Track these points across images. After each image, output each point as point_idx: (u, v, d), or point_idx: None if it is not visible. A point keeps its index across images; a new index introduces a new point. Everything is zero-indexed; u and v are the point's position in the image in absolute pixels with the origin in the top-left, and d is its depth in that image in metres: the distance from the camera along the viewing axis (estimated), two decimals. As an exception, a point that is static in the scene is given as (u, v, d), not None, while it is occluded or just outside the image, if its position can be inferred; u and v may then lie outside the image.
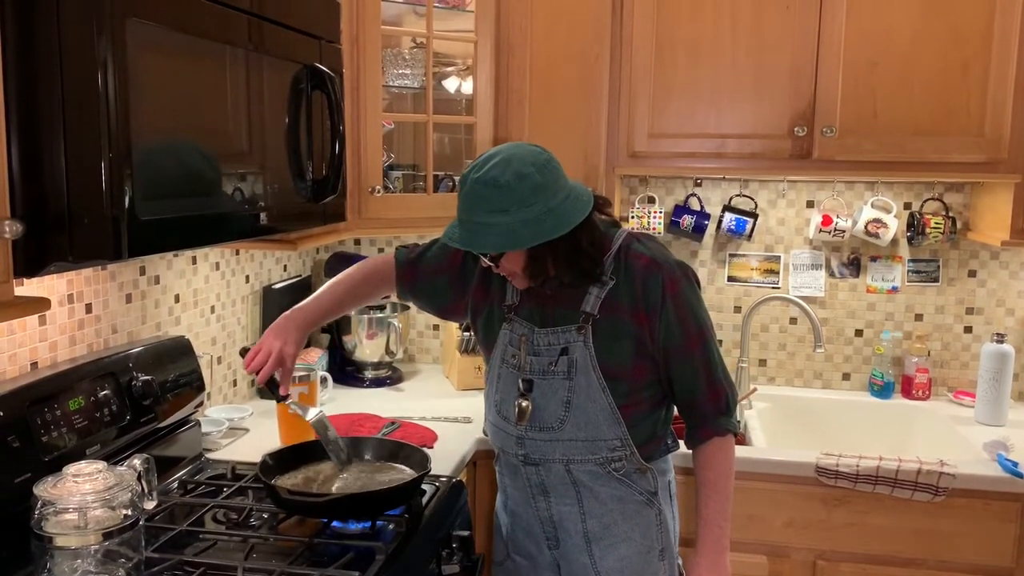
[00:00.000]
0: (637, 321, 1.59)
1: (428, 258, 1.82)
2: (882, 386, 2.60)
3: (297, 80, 1.60)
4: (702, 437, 1.66)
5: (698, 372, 1.62)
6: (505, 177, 1.46)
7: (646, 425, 1.65)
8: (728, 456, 1.67)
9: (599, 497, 1.66)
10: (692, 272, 1.64)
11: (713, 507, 1.66)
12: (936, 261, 2.60)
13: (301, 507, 1.58)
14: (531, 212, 1.46)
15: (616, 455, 1.63)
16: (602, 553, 1.68)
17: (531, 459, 1.66)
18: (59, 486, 1.27)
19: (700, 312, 1.63)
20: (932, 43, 2.18)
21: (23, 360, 1.57)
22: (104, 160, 1.09)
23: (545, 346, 1.63)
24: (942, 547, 2.03)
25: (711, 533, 1.66)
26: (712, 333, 1.65)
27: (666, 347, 1.61)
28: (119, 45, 1.10)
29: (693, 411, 1.66)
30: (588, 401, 1.61)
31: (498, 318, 1.71)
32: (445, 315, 1.87)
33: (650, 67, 2.32)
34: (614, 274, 1.61)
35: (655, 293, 1.59)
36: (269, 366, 1.65)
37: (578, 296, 1.62)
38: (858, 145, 2.24)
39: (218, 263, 2.24)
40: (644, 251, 1.62)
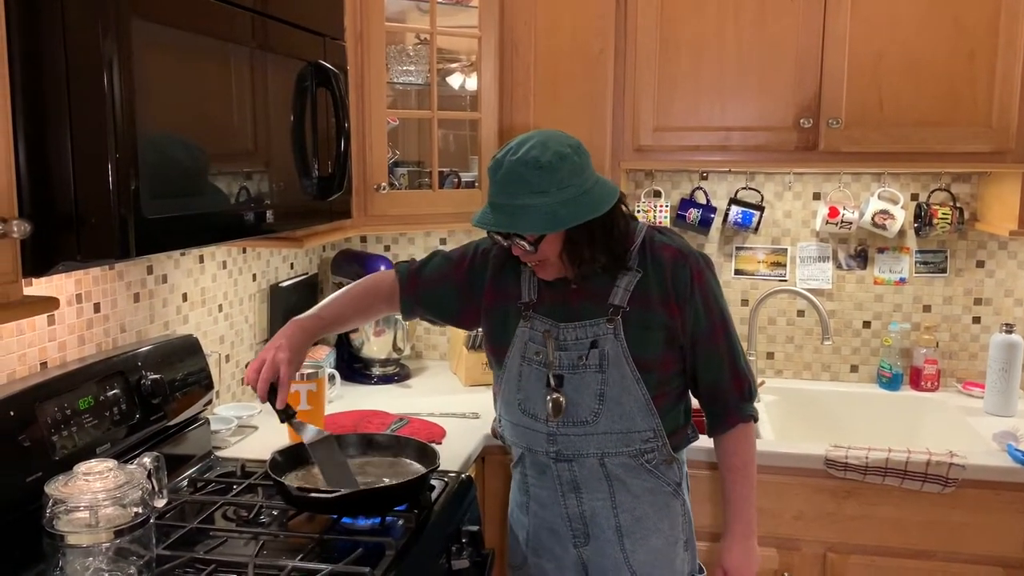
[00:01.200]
0: (669, 312, 1.61)
1: (431, 268, 1.80)
2: (890, 378, 2.59)
3: (302, 77, 1.60)
4: (728, 424, 1.69)
5: (723, 360, 1.65)
6: (546, 157, 1.48)
7: (673, 415, 1.67)
8: (752, 442, 1.71)
9: (631, 490, 1.66)
10: (711, 262, 1.69)
11: (741, 492, 1.70)
12: (944, 252, 2.59)
13: (311, 504, 1.58)
14: (569, 193, 1.49)
15: (649, 446, 1.64)
16: (634, 546, 1.68)
17: (563, 455, 1.66)
18: (70, 485, 1.27)
19: (722, 301, 1.67)
20: (938, 33, 2.17)
21: (32, 360, 1.57)
22: (111, 159, 1.09)
23: (573, 340, 1.63)
24: (952, 538, 2.03)
25: (741, 517, 1.71)
26: (733, 323, 1.69)
27: (694, 336, 1.64)
28: (124, 45, 1.10)
29: (717, 399, 1.68)
30: (623, 393, 1.61)
31: (514, 316, 1.70)
32: (456, 323, 1.86)
33: (654, 61, 2.31)
34: (641, 266, 1.63)
35: (684, 283, 1.61)
36: (264, 375, 1.57)
37: (604, 290, 1.63)
38: (864, 136, 2.24)
39: (225, 262, 2.25)
40: (669, 242, 1.65)
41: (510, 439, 1.75)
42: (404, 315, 1.85)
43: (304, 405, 2.02)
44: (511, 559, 1.83)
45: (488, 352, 1.78)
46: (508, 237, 1.56)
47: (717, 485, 1.82)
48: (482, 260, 1.76)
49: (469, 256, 1.78)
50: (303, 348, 1.66)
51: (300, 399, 2.02)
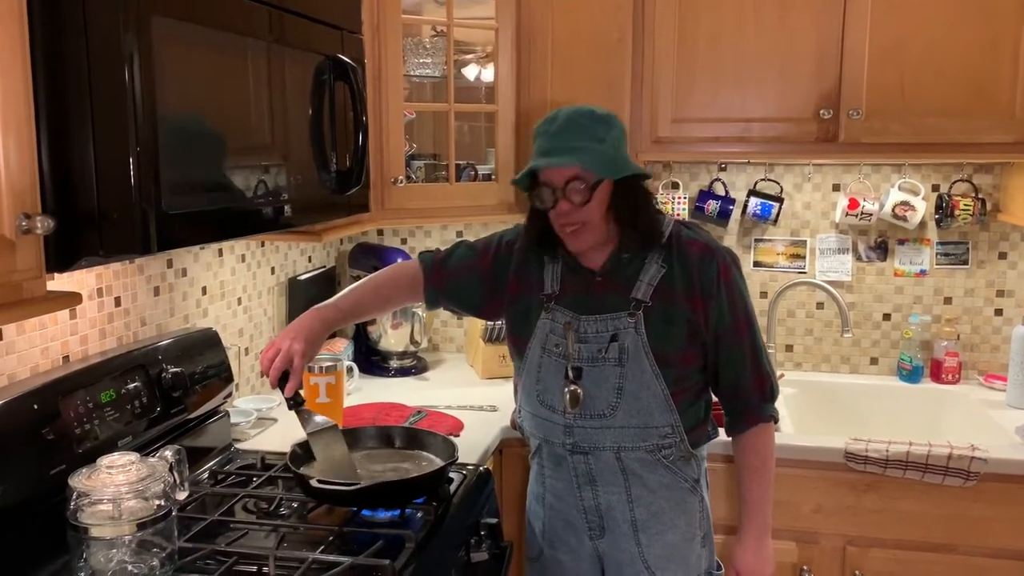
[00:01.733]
0: (692, 306, 1.61)
1: (455, 259, 1.80)
2: (910, 370, 2.57)
3: (320, 71, 1.60)
4: (747, 424, 1.68)
5: (745, 358, 1.65)
6: (601, 112, 1.57)
7: (693, 411, 1.66)
8: (770, 442, 1.70)
9: (647, 485, 1.66)
10: (738, 259, 1.68)
11: (757, 492, 1.70)
12: (965, 243, 2.57)
13: (330, 496, 1.58)
14: (620, 149, 1.57)
15: (667, 442, 1.63)
16: (649, 541, 1.67)
17: (580, 448, 1.65)
18: (93, 477, 1.29)
19: (748, 299, 1.66)
20: (961, 22, 2.14)
21: (55, 354, 1.59)
22: (132, 155, 1.09)
23: (593, 333, 1.63)
24: (974, 532, 2.01)
25: (755, 518, 1.71)
26: (757, 321, 1.68)
27: (717, 332, 1.63)
28: (144, 41, 1.11)
29: (737, 398, 1.68)
30: (641, 388, 1.60)
31: (536, 307, 1.70)
32: (479, 314, 1.86)
33: (673, 51, 2.30)
34: (666, 261, 1.62)
35: (710, 278, 1.61)
36: (276, 364, 1.57)
37: (627, 283, 1.63)
38: (885, 127, 2.21)
39: (244, 255, 2.26)
40: (696, 237, 1.65)
41: (529, 430, 1.75)
42: (428, 305, 1.85)
43: (323, 397, 2.03)
44: (528, 551, 1.83)
45: (510, 343, 1.78)
46: (556, 192, 1.55)
47: (734, 479, 1.81)
48: (506, 251, 1.76)
49: (494, 247, 1.78)
50: (319, 339, 1.66)
51: (319, 391, 2.03)
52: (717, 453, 1.93)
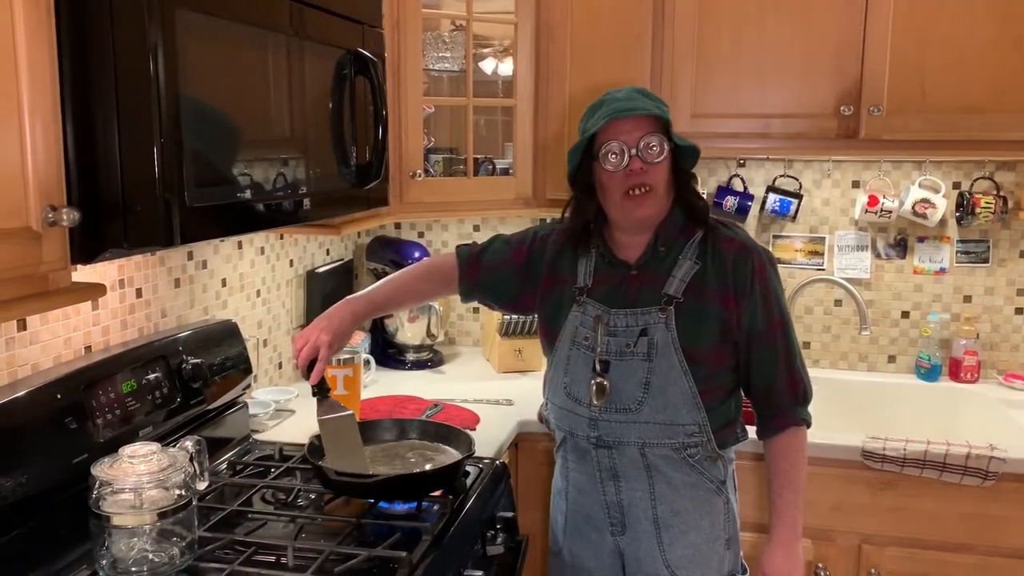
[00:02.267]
0: (725, 304, 1.60)
1: (491, 252, 1.82)
2: (929, 369, 2.56)
3: (340, 65, 1.60)
4: (778, 426, 1.66)
5: (778, 360, 1.63)
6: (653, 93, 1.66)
7: (722, 412, 1.64)
8: (802, 446, 1.67)
9: (671, 483, 1.64)
10: (774, 259, 1.67)
11: (788, 497, 1.66)
12: (986, 241, 2.55)
13: (348, 488, 1.60)
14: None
15: (693, 440, 1.62)
16: (671, 540, 1.66)
17: (604, 441, 1.65)
18: (115, 467, 1.30)
19: (783, 300, 1.65)
20: (984, 18, 2.12)
21: (77, 344, 1.60)
22: (156, 148, 1.10)
23: (623, 327, 1.62)
24: (992, 532, 2.00)
25: (785, 522, 1.67)
26: (792, 322, 1.66)
27: (750, 332, 1.61)
28: (169, 35, 1.11)
29: (770, 400, 1.66)
30: (668, 384, 1.60)
31: (568, 301, 1.70)
32: (512, 308, 1.88)
33: (693, 46, 2.29)
34: (700, 258, 1.62)
35: (744, 277, 1.60)
36: (304, 354, 1.64)
37: (661, 278, 1.62)
38: (906, 124, 2.20)
39: (263, 248, 2.27)
40: (732, 235, 1.65)
41: (555, 423, 1.75)
42: (463, 298, 1.87)
43: (341, 390, 2.04)
44: (552, 545, 1.83)
45: (541, 337, 1.78)
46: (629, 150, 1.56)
47: (762, 477, 1.79)
48: (540, 246, 1.77)
49: (528, 242, 1.79)
50: (348, 330, 1.70)
51: (337, 384, 2.04)
52: (747, 451, 1.90)
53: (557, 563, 1.81)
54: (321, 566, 1.36)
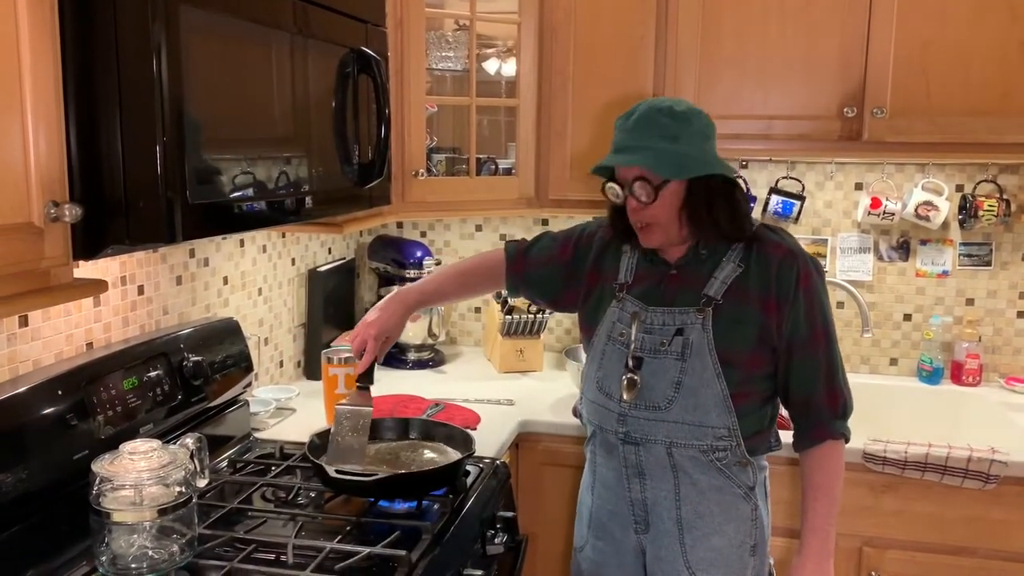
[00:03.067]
0: (765, 310, 1.57)
1: (538, 249, 1.83)
2: (931, 372, 2.55)
3: (344, 64, 1.60)
4: (815, 439, 1.63)
5: (819, 371, 1.60)
6: (681, 108, 1.54)
7: (755, 418, 1.62)
8: (839, 460, 1.64)
9: (697, 485, 1.62)
10: (822, 269, 1.64)
11: (820, 511, 1.63)
12: (989, 244, 2.54)
13: (348, 487, 1.60)
14: (697, 148, 1.53)
15: (721, 444, 1.59)
16: (693, 542, 1.64)
17: (632, 438, 1.64)
18: (116, 463, 1.30)
19: (828, 311, 1.61)
20: (988, 21, 2.12)
21: (79, 341, 1.61)
22: (159, 144, 1.10)
23: (659, 325, 1.61)
24: (993, 535, 2.00)
25: (817, 537, 1.63)
26: (836, 334, 1.63)
27: (791, 340, 1.58)
28: (173, 31, 1.11)
29: (808, 411, 1.62)
30: (700, 385, 1.58)
31: (608, 297, 1.70)
32: (557, 305, 1.87)
33: (696, 48, 2.29)
34: (743, 261, 1.60)
35: (788, 284, 1.57)
36: (355, 347, 1.74)
37: (702, 279, 1.61)
38: (910, 126, 2.19)
39: (265, 246, 2.27)
40: (780, 240, 1.61)
41: (586, 416, 1.75)
42: (510, 293, 1.90)
43: (342, 388, 2.05)
44: (575, 541, 1.83)
45: (581, 332, 1.79)
46: (625, 187, 1.56)
47: (796, 483, 1.73)
48: (587, 243, 1.77)
49: (575, 238, 1.79)
50: (398, 322, 1.77)
51: (338, 382, 2.05)
52: (781, 456, 1.85)
53: (579, 559, 1.80)
54: (321, 564, 1.36)
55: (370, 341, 1.71)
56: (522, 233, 2.83)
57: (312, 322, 2.50)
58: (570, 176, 2.42)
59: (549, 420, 2.20)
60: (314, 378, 2.41)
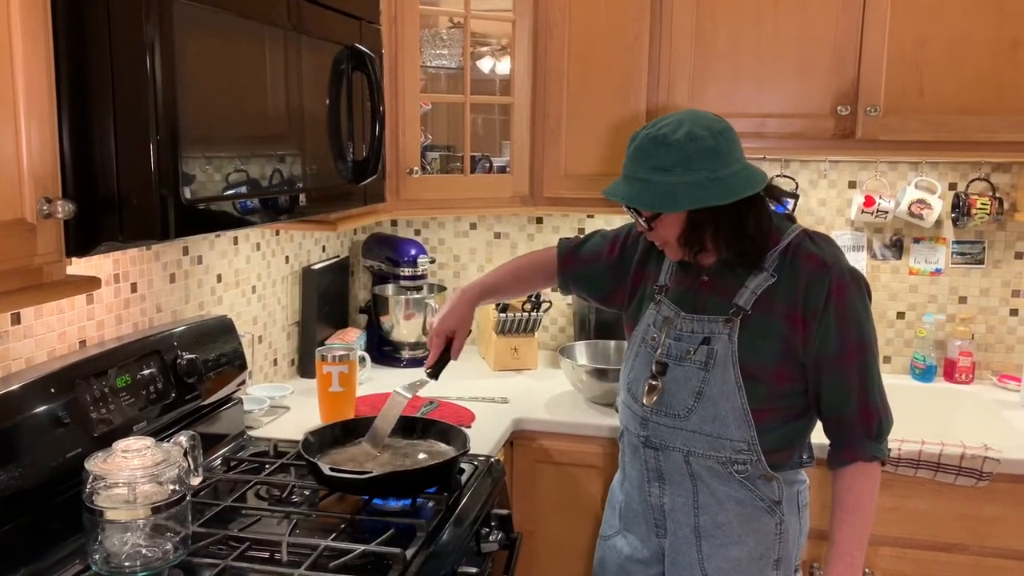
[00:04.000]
0: (791, 324, 1.52)
1: (588, 246, 1.84)
2: (924, 369, 2.56)
3: (338, 61, 1.60)
4: (845, 459, 1.57)
5: (851, 389, 1.53)
6: (675, 136, 1.45)
7: (779, 434, 1.57)
8: (872, 483, 1.57)
9: (716, 495, 1.60)
10: (865, 281, 1.54)
11: (848, 532, 1.55)
12: (981, 242, 2.55)
13: (343, 484, 1.60)
14: (694, 176, 1.44)
15: (740, 457, 1.56)
16: (711, 551, 1.62)
17: (652, 442, 1.63)
18: (109, 461, 1.30)
19: (865, 325, 1.52)
20: (982, 20, 2.12)
21: (72, 338, 1.60)
22: (152, 141, 1.10)
23: (688, 332, 1.59)
24: (986, 532, 2.00)
25: (842, 560, 1.55)
26: (875, 350, 1.54)
27: (819, 356, 1.52)
28: (166, 28, 1.11)
29: (840, 430, 1.57)
30: (721, 397, 1.55)
31: (648, 298, 1.69)
32: (605, 303, 1.86)
33: (690, 46, 2.29)
34: (776, 271, 1.54)
35: (818, 297, 1.50)
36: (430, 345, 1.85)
37: (733, 287, 1.56)
38: (903, 125, 2.20)
39: (259, 243, 2.27)
40: (816, 251, 1.54)
41: (619, 415, 1.76)
42: (561, 290, 1.91)
43: (336, 386, 2.05)
44: (604, 529, 1.83)
45: (626, 330, 1.78)
46: (631, 210, 1.56)
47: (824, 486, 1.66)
48: (634, 241, 1.76)
49: (622, 237, 1.79)
50: (463, 317, 1.84)
51: (332, 380, 2.04)
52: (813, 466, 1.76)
53: (605, 547, 1.80)
54: (315, 562, 1.36)
55: (433, 337, 1.81)
56: (517, 231, 2.83)
57: (306, 320, 2.49)
58: (564, 174, 2.42)
59: (544, 418, 2.20)
60: (308, 376, 2.41)
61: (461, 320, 1.82)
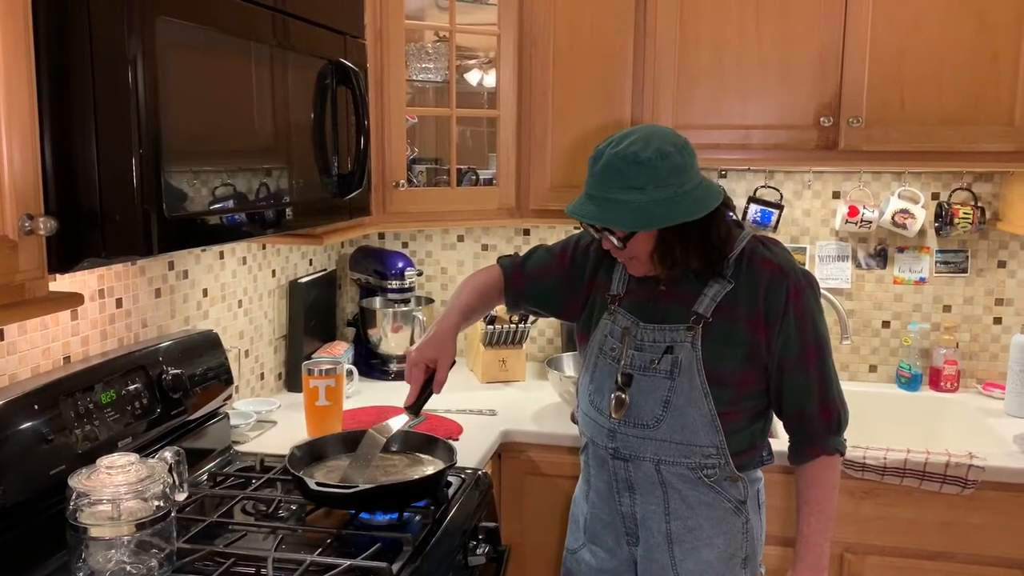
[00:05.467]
0: (753, 329, 1.54)
1: (533, 262, 1.80)
2: (909, 378, 2.58)
3: (322, 76, 1.61)
4: (809, 455, 1.61)
5: (812, 387, 1.57)
6: (646, 154, 1.45)
7: (744, 435, 1.60)
8: (834, 474, 1.62)
9: (686, 500, 1.61)
10: (816, 283, 1.60)
11: (815, 526, 1.60)
12: (965, 252, 2.57)
13: (329, 499, 1.59)
14: (666, 192, 1.45)
15: (710, 462, 1.58)
16: (683, 555, 1.63)
17: (621, 454, 1.63)
18: (93, 478, 1.29)
19: (820, 325, 1.58)
20: (961, 31, 2.15)
21: (56, 355, 1.59)
22: (135, 157, 1.10)
23: (650, 342, 1.60)
24: (971, 540, 2.01)
25: (811, 552, 1.61)
26: (830, 348, 1.60)
27: (782, 358, 1.56)
28: (149, 44, 1.11)
29: (801, 427, 1.61)
30: (688, 404, 1.56)
31: (600, 308, 1.69)
32: (560, 316, 1.84)
33: (674, 58, 2.30)
34: (733, 277, 1.56)
35: (778, 302, 1.53)
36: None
37: (692, 295, 1.58)
38: (885, 135, 2.22)
39: (245, 257, 2.26)
40: (770, 257, 1.57)
41: (580, 427, 1.75)
42: (509, 308, 1.85)
43: (323, 400, 2.04)
44: (569, 543, 1.82)
45: (577, 340, 1.77)
46: (600, 230, 1.55)
47: (790, 491, 1.70)
48: (583, 252, 1.75)
49: (571, 249, 1.77)
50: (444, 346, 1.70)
51: (319, 394, 2.04)
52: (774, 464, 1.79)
53: (572, 561, 1.79)
54: (301, 577, 1.35)
55: (410, 368, 1.69)
56: (504, 243, 2.84)
57: (293, 334, 2.49)
58: (551, 186, 2.43)
59: (532, 430, 2.20)
60: (295, 390, 2.41)
61: (441, 348, 1.69)
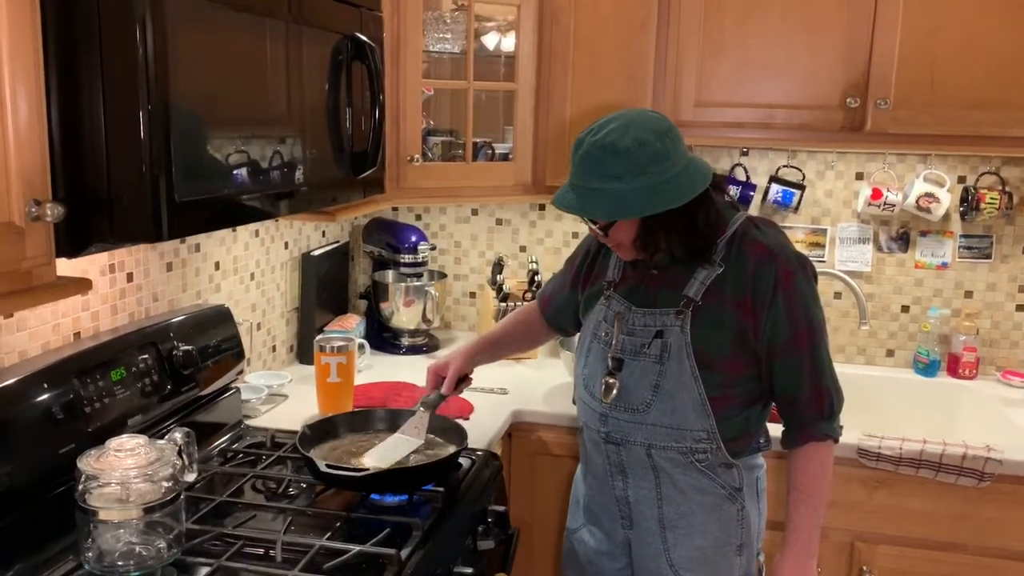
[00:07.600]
0: (741, 312, 1.53)
1: (552, 282, 1.88)
2: (927, 364, 2.54)
3: (337, 51, 1.57)
4: (799, 440, 1.59)
5: (803, 372, 1.55)
6: (624, 143, 1.43)
7: (737, 421, 1.59)
8: (825, 462, 1.60)
9: (678, 485, 1.61)
10: (811, 265, 1.57)
11: (804, 512, 1.60)
12: (989, 237, 2.52)
13: (339, 481, 1.58)
14: (646, 181, 1.43)
15: (701, 447, 1.58)
16: (676, 540, 1.64)
17: (613, 438, 1.63)
18: (102, 460, 1.29)
19: (813, 309, 1.55)
20: (994, 14, 2.08)
21: (66, 330, 1.58)
22: (144, 142, 1.07)
23: (640, 326, 1.59)
24: (984, 532, 1.99)
25: (799, 538, 1.60)
26: (823, 332, 1.57)
27: (771, 343, 1.54)
28: (159, 22, 1.08)
29: (793, 412, 1.59)
30: (678, 388, 1.56)
31: (596, 293, 1.69)
32: None
33: (698, 34, 2.24)
34: (724, 260, 1.54)
35: (766, 285, 1.51)
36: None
37: (683, 279, 1.57)
38: (913, 118, 2.16)
39: (258, 230, 2.24)
40: (761, 238, 1.55)
41: (576, 410, 1.76)
42: (558, 332, 1.95)
43: (334, 377, 2.03)
44: (569, 523, 1.83)
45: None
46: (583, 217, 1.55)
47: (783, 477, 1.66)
48: (583, 252, 1.79)
49: (579, 256, 1.80)
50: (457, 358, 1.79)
51: (331, 371, 2.03)
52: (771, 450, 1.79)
53: (573, 540, 1.80)
54: (310, 561, 1.35)
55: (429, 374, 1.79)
56: (519, 218, 2.80)
57: (305, 306, 2.48)
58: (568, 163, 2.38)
59: (543, 410, 2.19)
60: (307, 362, 2.40)
61: (452, 357, 1.80)
